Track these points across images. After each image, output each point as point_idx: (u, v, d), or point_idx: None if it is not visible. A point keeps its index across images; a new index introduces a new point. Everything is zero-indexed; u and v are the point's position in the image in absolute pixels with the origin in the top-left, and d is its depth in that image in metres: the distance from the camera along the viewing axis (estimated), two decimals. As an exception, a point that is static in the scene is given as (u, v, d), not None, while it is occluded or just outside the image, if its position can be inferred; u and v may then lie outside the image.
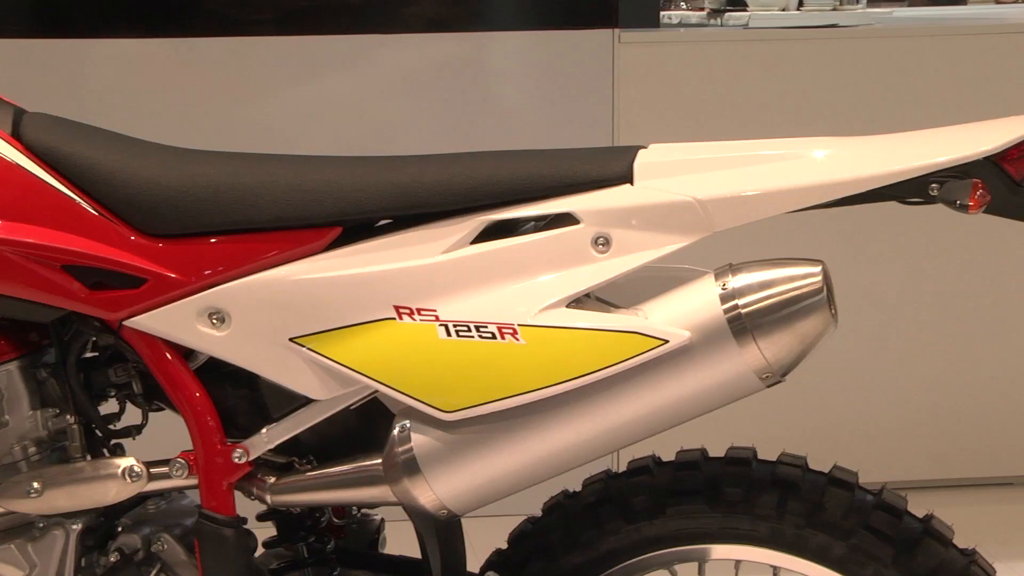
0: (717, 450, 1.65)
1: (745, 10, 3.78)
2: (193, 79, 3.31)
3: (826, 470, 1.61)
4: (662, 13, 3.77)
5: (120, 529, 1.70)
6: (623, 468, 1.68)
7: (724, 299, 1.46)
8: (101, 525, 1.70)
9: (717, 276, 1.49)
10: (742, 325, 1.45)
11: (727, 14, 3.80)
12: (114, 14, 3.29)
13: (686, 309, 1.47)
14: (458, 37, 3.33)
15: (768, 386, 1.49)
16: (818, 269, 1.48)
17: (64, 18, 3.29)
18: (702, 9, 3.87)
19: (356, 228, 1.58)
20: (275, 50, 3.32)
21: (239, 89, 3.32)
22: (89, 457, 1.68)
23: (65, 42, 3.25)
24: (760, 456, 1.63)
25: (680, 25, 3.89)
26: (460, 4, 3.35)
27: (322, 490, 1.62)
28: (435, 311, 1.52)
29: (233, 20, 3.32)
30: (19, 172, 1.57)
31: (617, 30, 3.35)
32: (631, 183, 1.51)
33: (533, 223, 1.56)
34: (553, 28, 3.33)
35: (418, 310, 1.52)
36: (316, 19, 3.35)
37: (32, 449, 1.68)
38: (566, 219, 1.52)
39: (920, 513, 1.60)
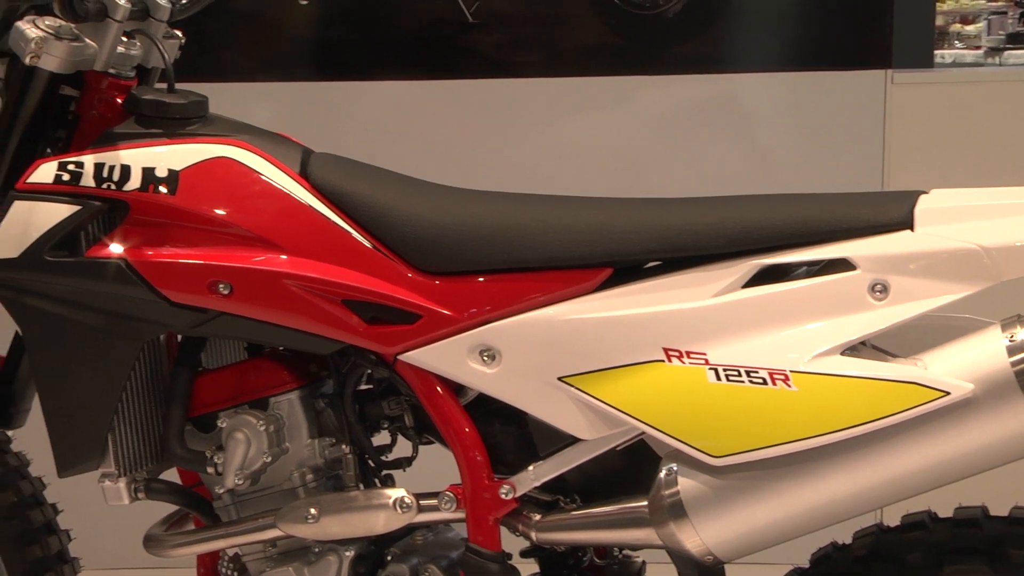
0: (999, 508, 1.58)
1: (1026, 48, 3.64)
2: (460, 119, 3.39)
3: (1120, 536, 1.52)
4: (935, 52, 3.66)
5: (389, 558, 1.75)
6: (894, 522, 1.62)
7: (1012, 351, 1.40)
8: (372, 553, 1.75)
9: (1004, 327, 1.43)
10: (1031, 380, 1.39)
11: (1006, 52, 3.66)
12: (387, 58, 3.41)
13: (969, 361, 1.42)
14: (724, 78, 3.31)
15: (1058, 444, 1.42)
16: None
17: (341, 62, 3.43)
18: (978, 47, 3.75)
19: (626, 269, 1.59)
20: (539, 91, 3.38)
21: (503, 129, 3.39)
22: (362, 487, 1.73)
23: (342, 84, 3.39)
24: (1047, 517, 1.55)
25: (954, 64, 3.77)
26: (726, 45, 3.34)
27: (586, 530, 1.62)
28: (705, 354, 1.51)
29: (500, 62, 3.39)
30: (306, 210, 1.65)
31: (890, 71, 3.27)
32: (911, 229, 1.47)
33: (806, 268, 1.53)
34: (823, 69, 3.27)
35: (687, 353, 1.52)
36: (580, 61, 3.39)
37: (309, 476, 1.74)
38: (842, 264, 1.49)
39: None
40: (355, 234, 1.64)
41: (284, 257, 1.63)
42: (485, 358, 1.60)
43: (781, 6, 3.31)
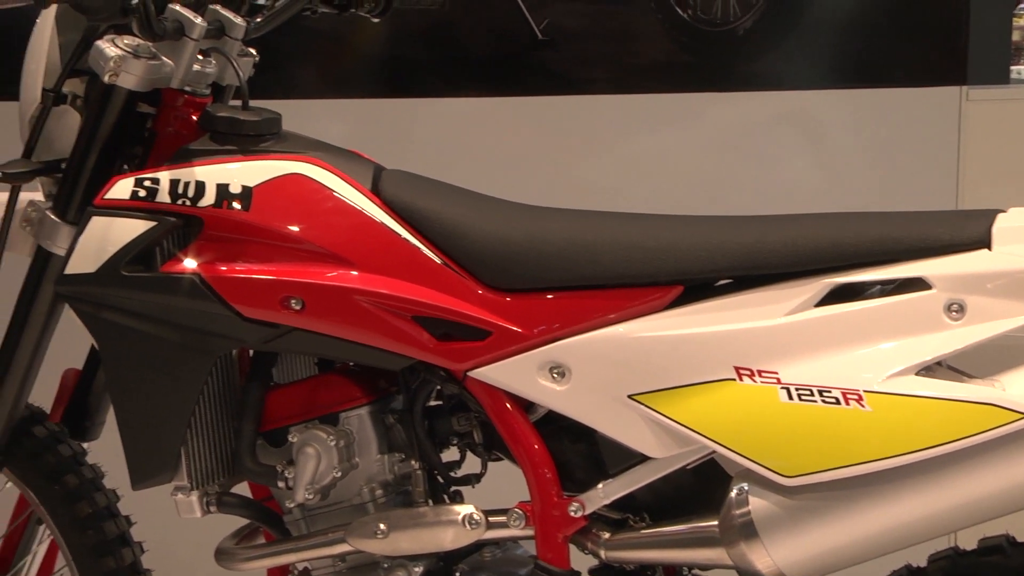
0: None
1: (1105, 64, 3.57)
2: (530, 136, 3.40)
3: None
4: (1011, 68, 3.60)
5: (458, 575, 1.75)
6: (971, 545, 1.60)
7: (1092, 373, 1.38)
8: (440, 569, 1.75)
9: (1084, 348, 1.40)
10: (1113, 402, 1.36)
11: (1083, 69, 3.60)
12: (456, 75, 3.43)
13: (1049, 382, 1.40)
14: (795, 95, 3.29)
15: None
16: None
17: (411, 79, 3.45)
18: (1055, 63, 3.68)
19: (697, 287, 1.58)
20: (609, 108, 3.37)
21: (573, 146, 3.38)
22: (431, 502, 1.73)
23: (412, 101, 3.41)
24: None
25: (1030, 81, 3.71)
26: (797, 61, 3.31)
27: (656, 548, 1.62)
28: (776, 373, 1.50)
29: (570, 79, 3.39)
30: (378, 227, 1.65)
31: (965, 87, 3.22)
32: (989, 248, 1.45)
33: (879, 287, 1.52)
34: (896, 86, 3.24)
35: (759, 372, 1.51)
36: (649, 77, 3.38)
37: (379, 491, 1.75)
38: (916, 284, 1.48)
39: None
40: (426, 250, 1.65)
41: (355, 273, 1.64)
42: (555, 375, 1.60)
43: (853, 22, 3.28)
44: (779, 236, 1.54)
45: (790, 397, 1.48)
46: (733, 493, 1.52)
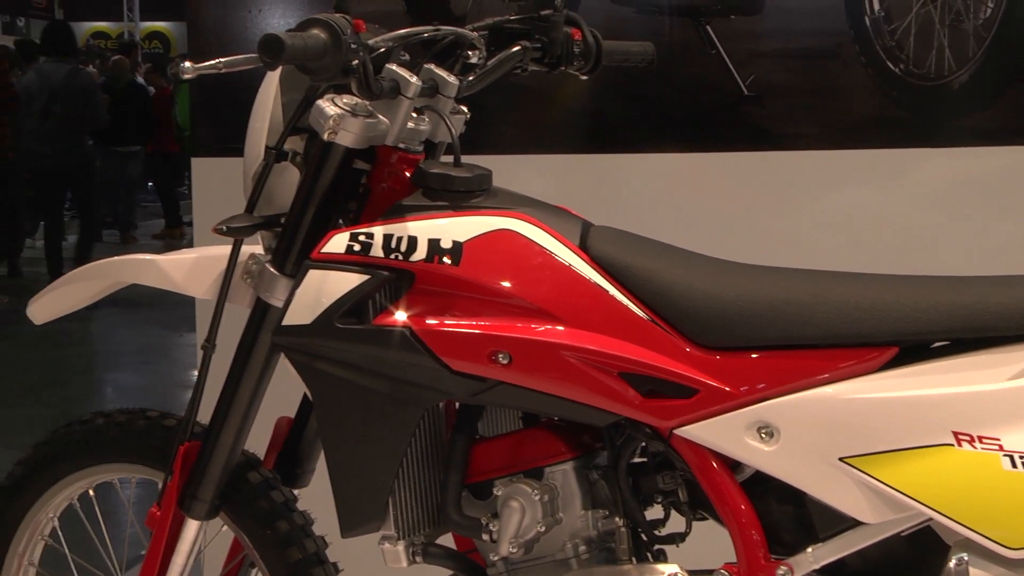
0: None
1: None
2: (736, 192, 3.37)
3: None
4: None
5: (659, 635, 1.72)
6: None
7: None
8: (637, 629, 1.73)
9: None
10: None
11: None
12: (662, 130, 3.43)
13: None
14: (1014, 151, 3.18)
15: None
16: None
17: (617, 135, 3.47)
18: None
19: (912, 348, 1.54)
20: (817, 164, 3.32)
21: (780, 202, 3.34)
22: (634, 560, 1.72)
23: (617, 156, 3.42)
24: None
25: None
26: (1013, 116, 3.20)
27: (870, 618, 1.57)
28: (999, 440, 1.45)
29: (777, 135, 3.35)
30: (586, 283, 1.66)
31: None
32: None
33: (1111, 352, 1.45)
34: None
35: (979, 437, 1.46)
36: (858, 133, 3.31)
37: (582, 547, 1.74)
38: None
39: None
40: (633, 307, 1.65)
41: (563, 329, 1.65)
42: (763, 435, 1.57)
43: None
44: (1001, 298, 1.49)
45: (1014, 465, 1.43)
46: (952, 563, 1.47)
